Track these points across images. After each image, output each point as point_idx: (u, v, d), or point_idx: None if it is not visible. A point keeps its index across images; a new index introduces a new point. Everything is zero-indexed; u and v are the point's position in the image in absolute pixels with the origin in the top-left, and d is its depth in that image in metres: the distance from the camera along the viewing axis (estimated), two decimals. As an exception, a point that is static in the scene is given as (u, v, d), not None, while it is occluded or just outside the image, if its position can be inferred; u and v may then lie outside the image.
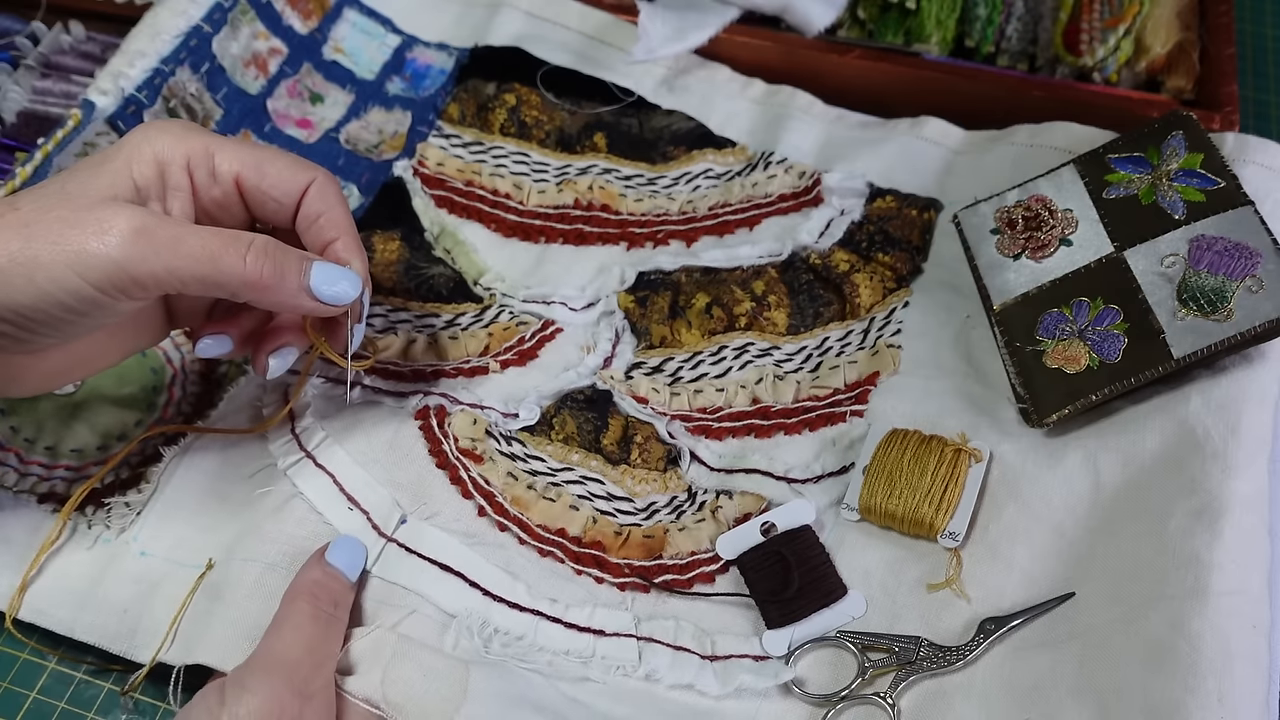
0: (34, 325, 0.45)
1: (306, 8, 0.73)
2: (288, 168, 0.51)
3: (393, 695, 0.47)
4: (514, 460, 0.57)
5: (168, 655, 0.51)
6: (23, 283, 0.44)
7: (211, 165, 0.50)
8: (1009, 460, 0.54)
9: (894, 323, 0.60)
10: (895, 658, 0.50)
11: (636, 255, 0.65)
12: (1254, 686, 0.44)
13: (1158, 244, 0.55)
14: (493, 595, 0.52)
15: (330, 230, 0.51)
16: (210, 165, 0.50)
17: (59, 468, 0.57)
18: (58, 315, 0.45)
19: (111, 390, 0.59)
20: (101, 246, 0.44)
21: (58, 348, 0.48)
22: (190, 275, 0.45)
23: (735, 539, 0.54)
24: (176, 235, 0.45)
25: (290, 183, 0.51)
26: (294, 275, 0.48)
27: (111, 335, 0.51)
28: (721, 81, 0.71)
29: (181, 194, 0.49)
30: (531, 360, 0.61)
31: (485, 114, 0.71)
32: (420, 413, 0.57)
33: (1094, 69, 0.69)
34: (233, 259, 0.46)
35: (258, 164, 0.50)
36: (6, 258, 0.44)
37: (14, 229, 0.44)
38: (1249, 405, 0.51)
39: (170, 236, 0.45)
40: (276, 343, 0.52)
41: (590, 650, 0.51)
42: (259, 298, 0.48)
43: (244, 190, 0.51)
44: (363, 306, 0.52)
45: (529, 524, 0.55)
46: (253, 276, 0.46)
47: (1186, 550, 0.47)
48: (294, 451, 0.55)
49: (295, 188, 0.51)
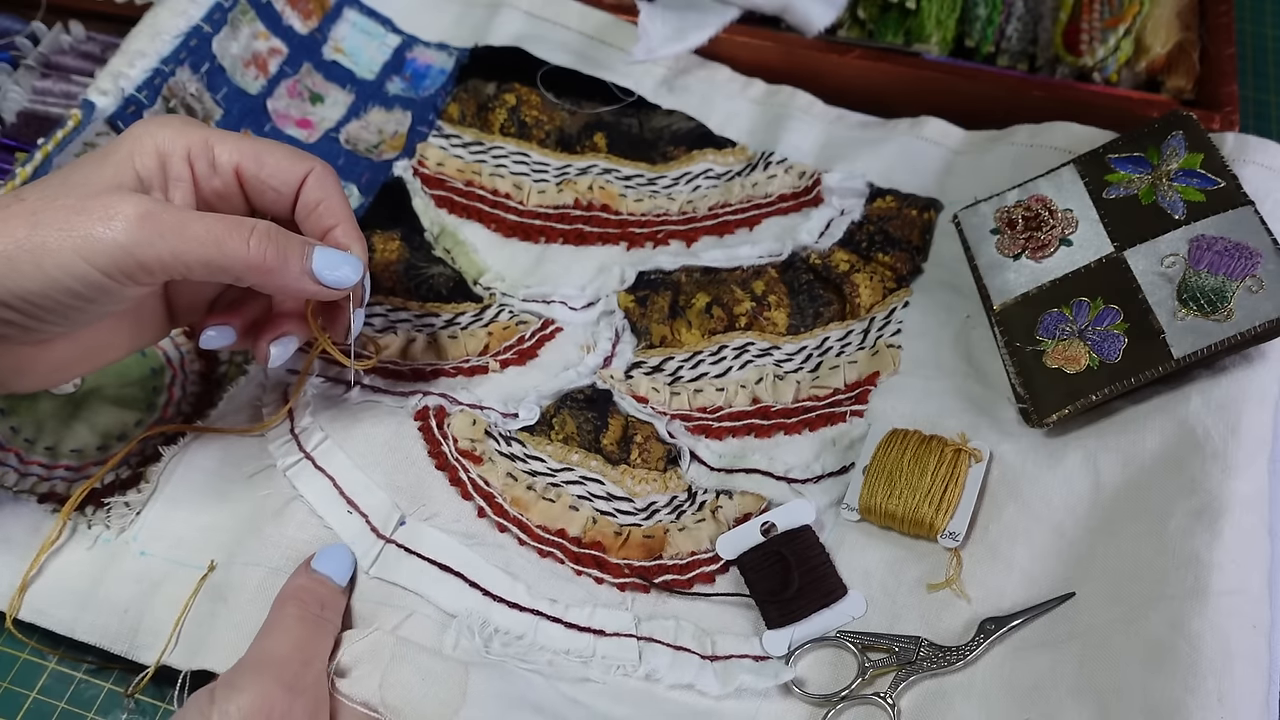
0: (41, 313, 0.46)
1: (306, 8, 0.73)
2: (286, 158, 0.52)
3: (391, 699, 0.47)
4: (513, 461, 0.57)
5: (171, 658, 0.51)
6: (31, 269, 0.44)
7: (211, 156, 0.50)
8: (1009, 460, 0.54)
9: (894, 323, 0.60)
10: (895, 658, 0.50)
11: (636, 255, 0.65)
12: (1254, 686, 0.44)
13: (1158, 244, 0.55)
14: (492, 595, 0.52)
15: (329, 217, 0.52)
16: (210, 156, 0.50)
17: (59, 468, 0.57)
18: (65, 302, 0.45)
19: (111, 390, 0.59)
20: (108, 232, 0.44)
21: (64, 339, 0.49)
22: (195, 259, 0.46)
23: (735, 539, 0.54)
24: (181, 220, 0.46)
25: (289, 172, 0.52)
26: (296, 259, 0.48)
27: (115, 329, 0.51)
28: (721, 81, 0.71)
29: (183, 184, 0.50)
30: (531, 360, 0.61)
31: (485, 114, 0.71)
32: (420, 413, 0.57)
33: (1094, 69, 0.69)
34: (236, 243, 0.47)
35: (256, 154, 0.51)
36: (14, 245, 0.44)
37: (21, 218, 0.45)
38: (1249, 405, 0.51)
39: (175, 221, 0.46)
40: (277, 331, 0.53)
41: (590, 650, 0.51)
42: (263, 281, 0.48)
43: (244, 180, 0.51)
44: (364, 290, 0.53)
45: (529, 525, 0.55)
46: (256, 260, 0.47)
47: (1186, 550, 0.47)
48: (293, 452, 0.55)
49: (294, 177, 0.52)
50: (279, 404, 0.57)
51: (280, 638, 0.47)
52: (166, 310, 0.54)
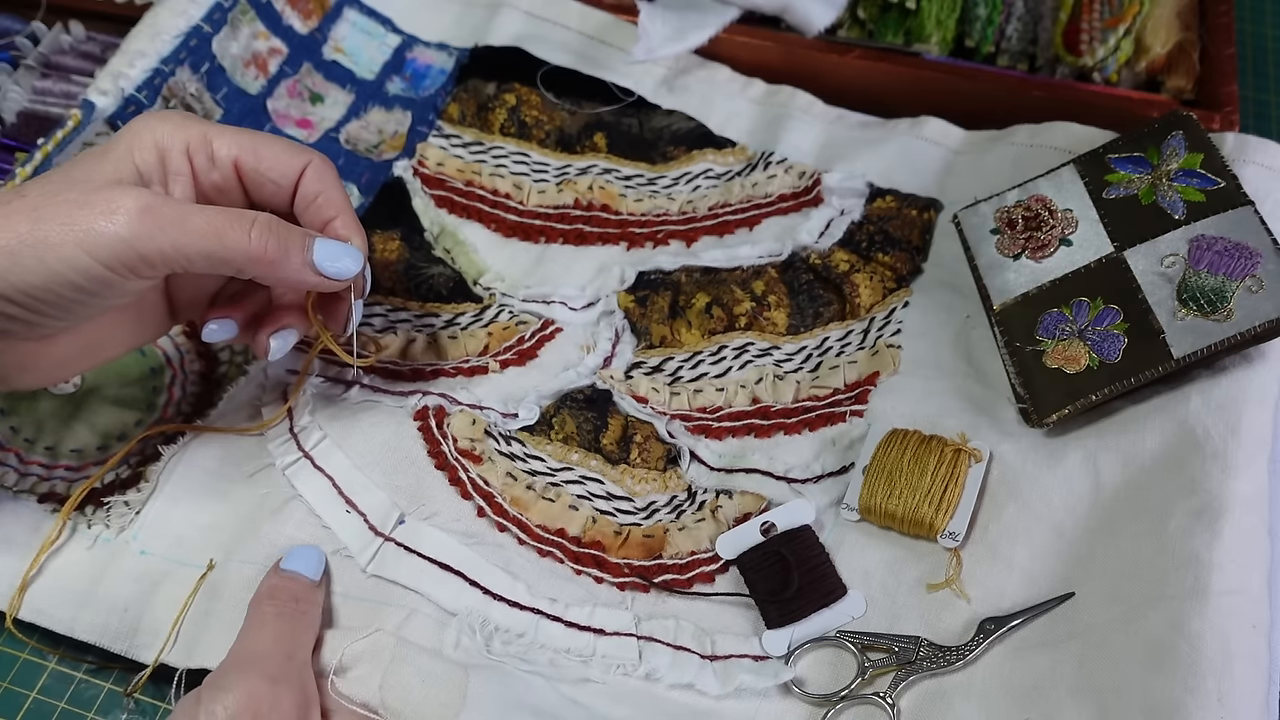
0: (44, 307, 0.46)
1: (306, 8, 0.72)
2: (284, 151, 0.52)
3: (391, 700, 0.47)
4: (513, 460, 0.57)
5: (169, 656, 0.51)
6: (33, 263, 0.44)
7: (210, 150, 0.51)
8: (1009, 460, 0.54)
9: (894, 323, 0.60)
10: (895, 658, 0.50)
11: (636, 255, 0.65)
12: (1254, 686, 0.44)
13: (1158, 244, 0.55)
14: (493, 594, 0.52)
15: (329, 209, 0.52)
16: (209, 150, 0.51)
17: (59, 467, 0.57)
18: (68, 296, 0.46)
19: (111, 390, 0.59)
20: (110, 225, 0.45)
21: (66, 334, 0.49)
22: (196, 251, 0.46)
23: (735, 539, 0.54)
24: (182, 213, 0.46)
25: (287, 165, 0.52)
26: (297, 250, 0.49)
27: (117, 324, 0.51)
28: (721, 81, 0.71)
29: (182, 179, 0.50)
30: (531, 360, 0.61)
31: (485, 114, 0.71)
32: (419, 413, 0.57)
33: (1094, 69, 0.69)
34: (238, 234, 0.47)
35: (254, 148, 0.51)
36: (16, 240, 0.44)
37: (23, 213, 0.45)
38: (1249, 405, 0.51)
39: (176, 214, 0.46)
40: (277, 324, 0.53)
41: (591, 649, 0.51)
42: (264, 273, 0.49)
43: (242, 174, 0.51)
44: (365, 282, 0.53)
45: (528, 524, 0.55)
46: (257, 251, 0.47)
47: (1186, 550, 0.47)
48: (292, 451, 0.55)
49: (292, 170, 0.52)
50: (279, 403, 0.57)
51: (259, 634, 0.48)
52: (168, 306, 0.54)
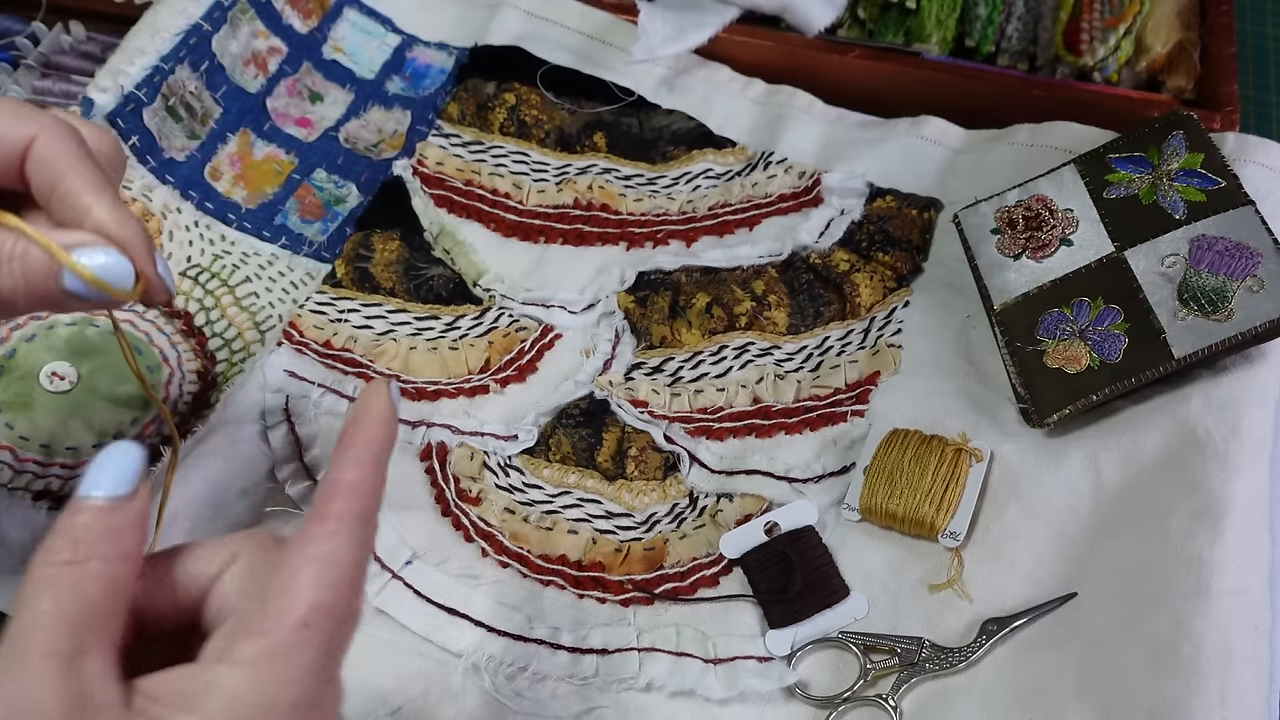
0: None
1: (306, 7, 0.72)
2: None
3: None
4: (511, 493, 0.57)
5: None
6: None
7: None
8: (1010, 460, 0.54)
9: (894, 322, 0.60)
10: (897, 659, 0.50)
11: (636, 255, 0.65)
12: (1256, 687, 0.44)
13: (1158, 244, 0.54)
14: (496, 630, 0.52)
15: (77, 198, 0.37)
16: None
17: (54, 465, 0.57)
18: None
19: (108, 388, 0.59)
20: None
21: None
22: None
23: (739, 538, 0.54)
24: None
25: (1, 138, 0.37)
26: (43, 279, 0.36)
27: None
28: (721, 81, 0.71)
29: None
30: (531, 374, 0.61)
31: (485, 113, 0.71)
32: (424, 453, 0.57)
33: (1094, 69, 0.69)
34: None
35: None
36: None
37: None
38: (1250, 405, 0.51)
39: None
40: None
41: (593, 669, 0.51)
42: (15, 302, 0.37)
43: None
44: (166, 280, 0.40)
45: (529, 557, 0.55)
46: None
47: (1188, 550, 0.47)
48: (302, 479, 0.56)
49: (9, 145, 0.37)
50: (281, 417, 0.57)
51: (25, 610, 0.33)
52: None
